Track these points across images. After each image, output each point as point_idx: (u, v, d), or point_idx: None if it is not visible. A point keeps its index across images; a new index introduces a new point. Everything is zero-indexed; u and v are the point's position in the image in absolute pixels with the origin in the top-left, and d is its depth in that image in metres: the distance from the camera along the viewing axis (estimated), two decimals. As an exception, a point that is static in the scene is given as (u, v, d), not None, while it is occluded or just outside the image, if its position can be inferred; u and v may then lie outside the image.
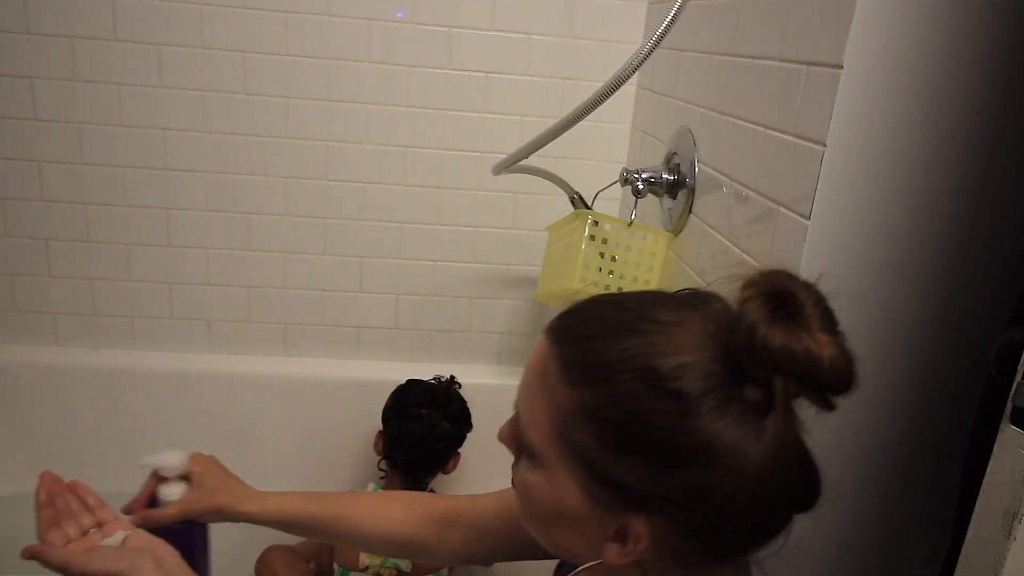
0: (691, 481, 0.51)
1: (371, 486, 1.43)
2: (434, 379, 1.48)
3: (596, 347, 0.54)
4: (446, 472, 1.43)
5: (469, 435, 1.44)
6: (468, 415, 1.43)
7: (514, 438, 0.61)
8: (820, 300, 0.52)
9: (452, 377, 1.51)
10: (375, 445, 1.44)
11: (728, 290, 0.54)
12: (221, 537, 1.46)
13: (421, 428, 1.37)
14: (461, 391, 1.48)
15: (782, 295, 0.51)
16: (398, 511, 0.87)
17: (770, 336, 0.49)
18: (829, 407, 0.52)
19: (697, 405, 0.50)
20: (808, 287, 0.52)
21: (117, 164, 1.57)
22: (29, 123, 1.52)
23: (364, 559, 1.30)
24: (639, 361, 0.52)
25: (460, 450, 1.44)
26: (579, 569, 0.60)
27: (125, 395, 1.64)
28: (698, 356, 0.52)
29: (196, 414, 1.66)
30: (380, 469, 1.46)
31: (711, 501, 0.52)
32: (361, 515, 0.86)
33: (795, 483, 0.53)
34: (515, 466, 0.61)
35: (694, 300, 0.56)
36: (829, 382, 0.50)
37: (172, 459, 1.02)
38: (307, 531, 0.89)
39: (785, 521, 0.55)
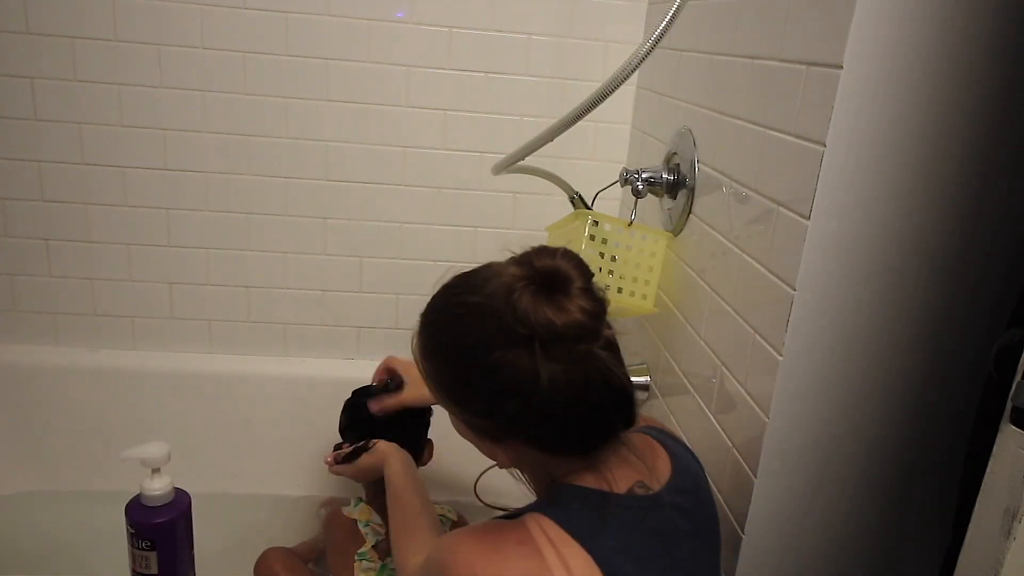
0: (507, 413, 0.73)
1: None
2: (377, 383, 1.40)
3: (431, 333, 0.80)
4: (422, 464, 1.38)
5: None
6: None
7: None
8: (580, 266, 0.72)
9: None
10: None
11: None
12: (220, 537, 1.47)
13: (388, 435, 1.30)
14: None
15: (544, 271, 0.71)
16: None
17: (520, 307, 0.69)
18: (584, 349, 0.70)
19: (495, 363, 0.70)
20: (571, 258, 0.72)
21: (117, 164, 1.57)
22: (29, 123, 1.53)
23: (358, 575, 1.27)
24: (454, 342, 0.76)
25: (432, 439, 1.39)
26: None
27: (125, 395, 1.64)
28: (492, 330, 0.71)
29: (196, 414, 1.66)
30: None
31: (530, 424, 0.73)
32: None
33: (604, 402, 0.72)
34: None
35: (500, 281, 0.73)
36: (569, 337, 0.69)
37: (155, 451, 1.02)
38: None
39: (608, 424, 0.75)
